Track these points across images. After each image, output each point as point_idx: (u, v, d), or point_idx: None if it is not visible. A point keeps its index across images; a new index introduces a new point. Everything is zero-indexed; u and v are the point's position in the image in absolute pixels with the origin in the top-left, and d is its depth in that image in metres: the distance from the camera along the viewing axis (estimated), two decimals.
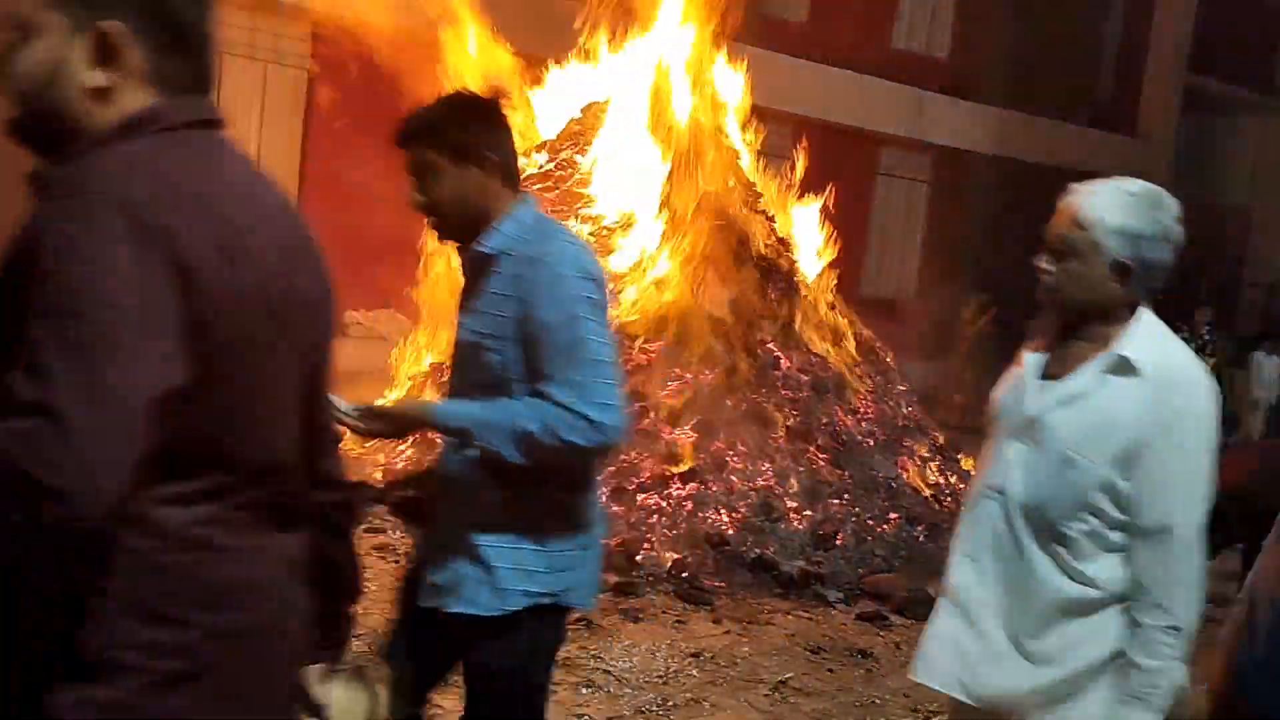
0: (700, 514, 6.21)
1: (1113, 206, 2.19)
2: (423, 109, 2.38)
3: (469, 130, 2.33)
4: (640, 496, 6.25)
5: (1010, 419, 2.33)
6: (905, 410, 7.75)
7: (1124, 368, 2.19)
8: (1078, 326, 2.27)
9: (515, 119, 7.90)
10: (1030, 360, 2.36)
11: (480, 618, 2.33)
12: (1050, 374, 2.30)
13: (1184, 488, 2.15)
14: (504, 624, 2.32)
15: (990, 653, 2.28)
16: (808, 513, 6.38)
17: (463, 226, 2.36)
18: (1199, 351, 12.19)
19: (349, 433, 2.26)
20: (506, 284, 2.29)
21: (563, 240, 2.36)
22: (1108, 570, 2.21)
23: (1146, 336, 2.23)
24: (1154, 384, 2.16)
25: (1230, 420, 14.35)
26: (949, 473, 7.54)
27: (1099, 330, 2.24)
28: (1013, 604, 2.27)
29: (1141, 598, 2.17)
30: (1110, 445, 2.15)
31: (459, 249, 2.44)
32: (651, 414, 6.62)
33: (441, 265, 7.62)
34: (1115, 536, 2.20)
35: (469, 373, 2.37)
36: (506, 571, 2.31)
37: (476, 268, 2.37)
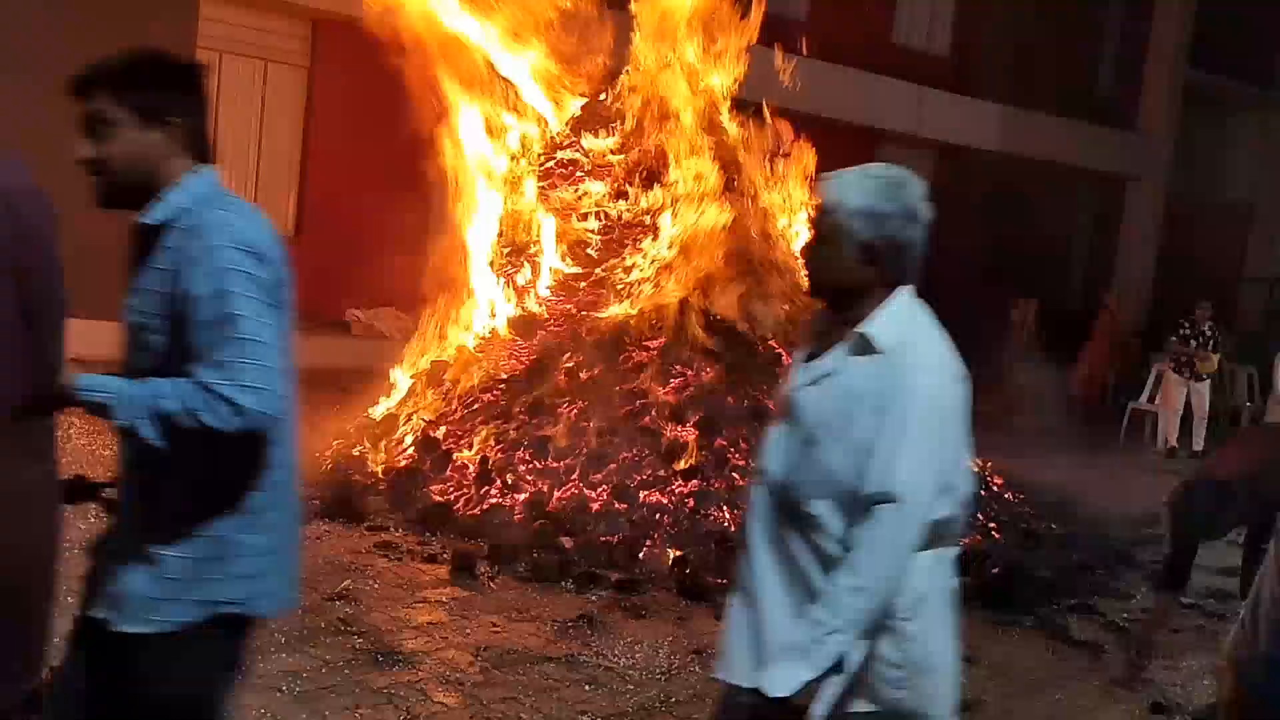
0: (702, 511, 6.22)
1: (855, 190, 2.21)
2: (109, 59, 2.17)
3: (158, 90, 2.16)
4: (642, 494, 6.25)
5: (779, 403, 2.35)
6: None
7: (865, 346, 2.19)
8: (840, 311, 2.28)
9: (523, 114, 7.89)
10: (802, 349, 2.38)
11: (146, 636, 2.12)
12: (812, 357, 2.31)
13: (902, 459, 2.10)
14: (174, 641, 2.12)
15: (770, 644, 2.22)
16: None
17: (128, 191, 2.17)
18: (1202, 347, 12.16)
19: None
20: (167, 258, 2.12)
21: (226, 210, 2.14)
22: None
23: (893, 315, 2.22)
24: (888, 359, 2.16)
25: (1232, 415, 14.37)
26: None
27: (857, 312, 2.24)
28: (784, 589, 2.23)
29: (844, 558, 2.12)
30: (850, 424, 2.14)
31: (131, 226, 2.23)
32: (653, 411, 6.62)
33: (443, 263, 7.62)
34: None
35: (133, 357, 2.18)
36: (179, 581, 2.11)
37: (142, 242, 2.18)
